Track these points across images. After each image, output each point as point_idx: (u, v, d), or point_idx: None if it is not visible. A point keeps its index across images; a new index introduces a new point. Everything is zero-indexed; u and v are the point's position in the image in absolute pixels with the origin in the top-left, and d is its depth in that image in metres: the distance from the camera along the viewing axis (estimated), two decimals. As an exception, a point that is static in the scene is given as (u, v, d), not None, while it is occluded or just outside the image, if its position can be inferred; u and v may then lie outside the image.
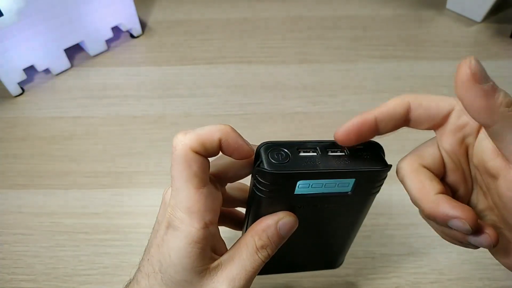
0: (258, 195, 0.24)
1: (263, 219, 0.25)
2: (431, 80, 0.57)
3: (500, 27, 0.64)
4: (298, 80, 0.58)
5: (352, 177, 0.24)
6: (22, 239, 0.44)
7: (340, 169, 0.23)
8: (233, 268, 0.24)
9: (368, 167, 0.24)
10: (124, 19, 0.62)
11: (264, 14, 0.68)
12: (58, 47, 0.58)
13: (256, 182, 0.23)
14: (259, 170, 0.22)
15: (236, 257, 0.24)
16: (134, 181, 0.48)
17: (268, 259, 0.25)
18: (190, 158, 0.22)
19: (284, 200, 0.24)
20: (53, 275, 0.41)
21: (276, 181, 0.23)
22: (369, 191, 0.25)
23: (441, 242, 0.31)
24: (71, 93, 0.58)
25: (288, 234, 0.25)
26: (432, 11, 0.68)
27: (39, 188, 0.48)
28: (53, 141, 0.52)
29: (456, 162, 0.25)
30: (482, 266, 0.40)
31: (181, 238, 0.23)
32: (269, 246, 0.24)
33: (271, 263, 0.26)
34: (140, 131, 0.53)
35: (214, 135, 0.23)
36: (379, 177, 0.25)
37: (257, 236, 0.24)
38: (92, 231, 0.44)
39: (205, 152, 0.23)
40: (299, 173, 0.22)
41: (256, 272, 0.24)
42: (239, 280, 0.24)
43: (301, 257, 0.31)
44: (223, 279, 0.24)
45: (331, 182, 0.24)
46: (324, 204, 0.25)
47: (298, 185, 0.23)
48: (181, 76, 0.59)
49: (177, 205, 0.23)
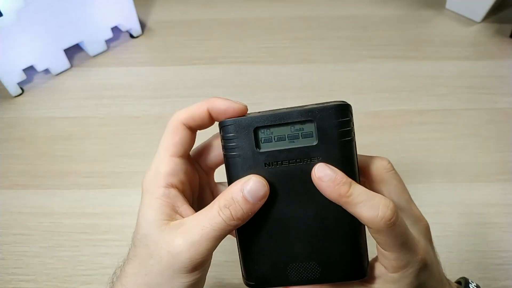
0: (227, 156, 0.25)
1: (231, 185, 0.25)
2: (430, 80, 0.57)
3: (499, 27, 0.64)
4: (298, 80, 0.58)
5: (309, 119, 0.24)
6: (22, 239, 0.43)
7: (293, 110, 0.24)
8: (191, 225, 0.24)
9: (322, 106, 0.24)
10: (123, 19, 0.62)
11: (264, 14, 0.68)
12: (57, 47, 0.58)
13: (222, 140, 0.25)
14: (221, 123, 0.25)
15: (197, 216, 0.25)
16: (134, 181, 0.48)
17: (232, 221, 0.24)
18: (176, 129, 0.26)
19: (253, 160, 0.25)
20: (53, 275, 0.41)
21: (236, 130, 0.24)
22: (337, 137, 0.24)
23: (441, 242, 0.31)
24: (70, 93, 0.58)
25: (256, 197, 0.24)
26: (431, 11, 0.68)
27: (39, 188, 0.47)
28: (52, 141, 0.52)
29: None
30: (482, 266, 0.40)
31: (145, 196, 0.26)
32: (232, 205, 0.24)
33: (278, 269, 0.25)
34: (140, 131, 0.53)
35: (201, 107, 0.26)
36: (340, 116, 0.24)
37: (222, 198, 0.24)
38: (91, 231, 0.44)
39: (195, 122, 0.26)
40: (254, 117, 0.24)
41: (217, 231, 0.24)
42: (193, 235, 0.23)
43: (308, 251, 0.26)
44: (179, 232, 0.24)
45: (292, 132, 0.24)
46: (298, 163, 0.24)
47: (261, 139, 0.24)
48: (181, 76, 0.59)
49: (150, 168, 0.26)
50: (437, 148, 0.50)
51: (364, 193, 0.23)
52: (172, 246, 0.24)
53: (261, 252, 0.26)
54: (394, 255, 0.24)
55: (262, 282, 0.27)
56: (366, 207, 0.23)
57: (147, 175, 0.27)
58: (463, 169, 0.48)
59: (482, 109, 0.53)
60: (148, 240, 0.25)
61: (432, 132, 0.51)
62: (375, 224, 0.22)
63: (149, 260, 0.24)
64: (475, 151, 0.49)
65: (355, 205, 0.23)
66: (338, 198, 0.23)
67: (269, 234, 0.25)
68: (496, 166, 0.48)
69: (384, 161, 0.27)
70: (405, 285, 0.25)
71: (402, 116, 0.53)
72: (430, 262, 0.25)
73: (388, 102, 0.55)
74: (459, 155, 0.49)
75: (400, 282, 0.25)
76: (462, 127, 0.52)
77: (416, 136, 0.51)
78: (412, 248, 0.24)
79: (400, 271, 0.24)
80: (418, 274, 0.25)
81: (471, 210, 0.44)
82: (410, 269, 0.24)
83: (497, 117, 0.52)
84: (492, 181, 0.46)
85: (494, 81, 0.57)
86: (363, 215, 0.23)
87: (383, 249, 0.24)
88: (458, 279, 0.31)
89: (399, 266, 0.24)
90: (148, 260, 0.24)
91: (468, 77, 0.57)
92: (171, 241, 0.24)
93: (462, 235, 0.42)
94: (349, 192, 0.23)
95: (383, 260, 0.25)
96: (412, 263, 0.24)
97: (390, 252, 0.24)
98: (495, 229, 0.43)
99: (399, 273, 0.24)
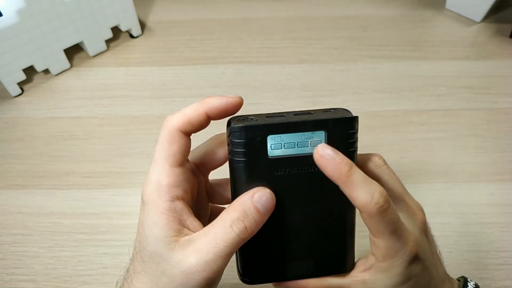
0: (234, 162, 0.25)
1: (239, 197, 0.25)
2: (430, 80, 0.57)
3: (499, 27, 0.64)
4: (298, 80, 0.58)
5: (321, 129, 0.24)
6: (22, 240, 0.43)
7: (306, 119, 0.24)
8: (203, 241, 0.23)
9: (335, 117, 0.25)
10: (123, 19, 0.62)
11: (264, 14, 0.68)
12: (57, 47, 0.58)
13: (229, 145, 0.25)
14: (230, 129, 0.24)
15: (208, 231, 0.24)
16: (134, 181, 0.48)
17: (246, 234, 0.24)
18: (172, 137, 0.25)
19: (260, 166, 0.25)
20: (53, 276, 0.41)
21: (247, 137, 0.24)
22: (344, 147, 0.25)
23: (441, 242, 0.31)
24: (70, 93, 0.58)
25: (267, 208, 0.24)
26: (431, 11, 0.68)
27: (39, 189, 0.47)
28: (52, 141, 0.52)
29: None
30: (482, 266, 0.40)
31: (149, 210, 0.25)
32: (246, 218, 0.24)
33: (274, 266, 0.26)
34: (140, 131, 0.53)
35: (198, 110, 0.25)
36: (349, 128, 0.25)
37: (232, 210, 0.24)
38: (91, 231, 0.44)
39: (193, 127, 0.25)
40: (266, 125, 0.24)
41: (230, 247, 0.23)
42: (207, 253, 0.23)
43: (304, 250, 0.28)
44: (191, 251, 0.23)
45: (302, 140, 0.24)
46: (302, 170, 0.25)
47: (270, 146, 0.24)
48: (180, 76, 0.59)
49: (150, 180, 0.25)
50: (437, 148, 0.50)
51: (362, 178, 0.23)
52: (186, 266, 0.23)
53: (257, 248, 0.27)
54: (384, 243, 0.24)
55: (258, 279, 0.27)
56: (363, 191, 0.23)
57: (147, 186, 0.25)
58: (463, 169, 0.48)
59: (482, 109, 0.53)
60: (158, 258, 0.24)
61: (432, 132, 0.51)
62: (368, 209, 0.23)
63: (162, 278, 0.24)
64: (475, 151, 0.49)
65: (353, 187, 0.23)
66: (338, 177, 0.23)
67: (265, 231, 0.26)
68: (496, 166, 0.48)
69: (375, 157, 0.27)
70: (395, 276, 0.25)
71: (402, 116, 0.53)
72: (423, 256, 0.26)
73: (388, 102, 0.55)
74: (459, 155, 0.49)
75: (389, 272, 0.25)
76: (462, 127, 0.52)
77: (416, 136, 0.51)
78: (403, 237, 0.24)
79: (389, 260, 0.25)
80: (409, 266, 0.25)
81: (471, 210, 0.44)
82: (399, 259, 0.24)
83: (497, 117, 0.52)
84: (492, 181, 0.46)
85: (494, 81, 0.57)
86: (358, 198, 0.23)
87: (374, 236, 0.24)
88: (457, 278, 0.31)
89: (388, 254, 0.24)
90: (160, 278, 0.24)
91: (468, 77, 0.57)
92: (184, 260, 0.23)
93: (462, 235, 0.42)
94: (350, 173, 0.23)
95: (374, 248, 0.25)
96: (401, 252, 0.24)
97: (381, 239, 0.24)
98: (495, 229, 0.43)
99: (388, 262, 0.25)
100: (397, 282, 0.25)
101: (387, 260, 0.25)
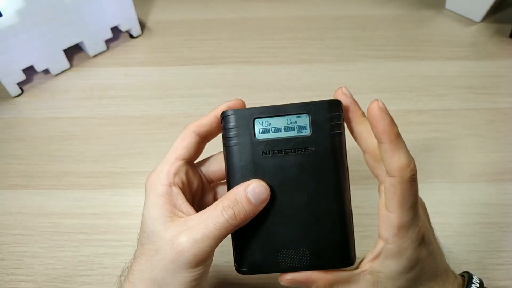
0: (227, 145, 0.27)
1: (235, 187, 0.26)
2: (430, 80, 0.57)
3: (499, 27, 0.64)
4: (298, 80, 0.58)
5: (304, 112, 0.26)
6: (22, 240, 0.43)
7: (291, 104, 0.27)
8: (195, 222, 0.26)
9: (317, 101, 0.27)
10: (123, 19, 0.62)
11: (264, 14, 0.68)
12: (57, 47, 0.58)
13: (223, 130, 0.27)
14: (222, 114, 0.27)
15: (202, 215, 0.26)
16: (133, 181, 0.48)
17: (235, 221, 0.25)
18: (185, 136, 0.29)
19: (250, 149, 0.26)
20: (53, 276, 0.41)
21: (236, 120, 0.27)
22: (328, 129, 0.26)
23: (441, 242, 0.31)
24: (70, 94, 0.58)
25: (259, 200, 0.26)
26: (431, 11, 0.68)
27: (38, 189, 0.47)
28: (52, 141, 0.52)
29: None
30: (482, 266, 0.40)
31: (149, 194, 0.28)
32: (236, 206, 0.25)
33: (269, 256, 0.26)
34: (140, 131, 0.53)
35: (210, 114, 0.29)
36: (331, 110, 0.26)
37: (225, 198, 0.26)
38: (91, 231, 0.44)
39: (204, 128, 0.29)
40: (253, 108, 0.27)
41: (219, 230, 0.25)
42: (197, 233, 0.25)
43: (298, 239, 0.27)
44: (183, 230, 0.25)
45: (288, 124, 0.26)
46: (293, 152, 0.26)
47: (259, 130, 0.26)
48: (180, 76, 0.59)
49: (155, 169, 0.29)
50: (437, 148, 0.50)
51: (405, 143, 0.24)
52: (176, 243, 0.25)
53: (253, 239, 0.27)
54: (399, 217, 0.24)
55: (253, 269, 0.28)
56: (404, 155, 0.24)
57: (151, 175, 0.29)
58: (463, 169, 0.48)
59: (482, 109, 0.53)
60: (154, 237, 0.26)
61: (432, 132, 0.51)
62: (403, 173, 0.23)
63: (156, 256, 0.26)
64: (475, 151, 0.49)
65: (398, 148, 0.24)
66: (388, 134, 0.24)
67: (261, 221, 0.27)
68: (496, 166, 0.48)
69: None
70: (404, 260, 0.25)
71: (402, 116, 0.53)
72: (428, 240, 0.26)
73: (387, 102, 0.54)
74: (459, 155, 0.49)
75: (399, 255, 0.25)
76: (462, 127, 0.52)
77: (416, 136, 0.51)
78: (417, 214, 0.25)
79: (399, 240, 0.24)
80: (417, 248, 0.25)
81: (471, 210, 0.44)
82: (409, 240, 0.24)
83: (497, 117, 0.52)
84: (492, 181, 0.46)
85: (494, 81, 0.57)
86: (398, 160, 0.24)
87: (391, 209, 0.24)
88: (461, 274, 0.31)
89: (399, 232, 0.24)
90: (154, 256, 0.26)
91: (467, 77, 0.57)
92: (176, 238, 0.25)
93: (462, 235, 0.42)
94: (399, 134, 0.24)
95: (384, 228, 0.25)
96: (411, 231, 0.24)
97: (398, 212, 0.24)
98: (495, 229, 0.43)
99: (399, 242, 0.25)
100: (406, 267, 0.25)
101: (397, 241, 0.25)
